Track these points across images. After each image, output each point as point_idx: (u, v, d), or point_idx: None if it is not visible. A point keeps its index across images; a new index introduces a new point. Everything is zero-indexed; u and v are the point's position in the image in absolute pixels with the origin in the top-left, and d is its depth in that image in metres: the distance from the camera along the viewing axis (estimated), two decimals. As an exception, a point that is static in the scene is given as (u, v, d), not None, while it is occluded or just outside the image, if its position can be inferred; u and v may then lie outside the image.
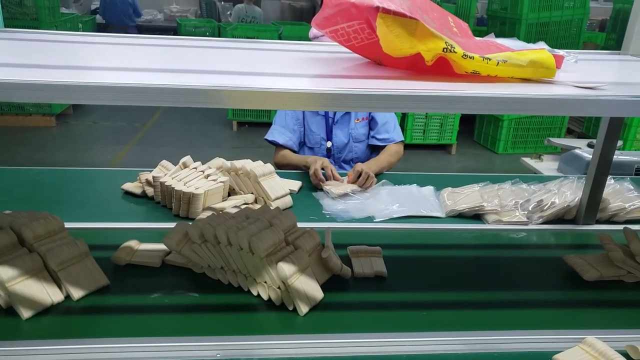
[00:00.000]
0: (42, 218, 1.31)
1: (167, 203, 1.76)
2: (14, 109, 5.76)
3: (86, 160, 4.85)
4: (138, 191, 1.85)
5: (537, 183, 1.98)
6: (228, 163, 1.84)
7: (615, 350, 1.09)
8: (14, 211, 1.38)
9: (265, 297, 1.27)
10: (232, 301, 1.28)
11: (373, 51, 1.12)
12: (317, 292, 1.26)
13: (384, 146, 2.38)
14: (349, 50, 1.15)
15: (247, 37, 6.12)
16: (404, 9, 1.00)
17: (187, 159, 1.86)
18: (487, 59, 1.01)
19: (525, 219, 1.76)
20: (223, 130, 6.12)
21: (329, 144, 2.42)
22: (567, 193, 1.82)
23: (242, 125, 6.23)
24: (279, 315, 1.23)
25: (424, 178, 2.12)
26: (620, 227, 1.77)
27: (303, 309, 1.22)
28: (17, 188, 1.89)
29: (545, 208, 1.79)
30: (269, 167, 1.83)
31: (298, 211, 1.79)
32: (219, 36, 7.40)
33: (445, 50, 0.99)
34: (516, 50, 1.10)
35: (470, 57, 1.00)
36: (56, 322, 1.18)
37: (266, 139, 2.37)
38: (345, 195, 1.90)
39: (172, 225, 1.64)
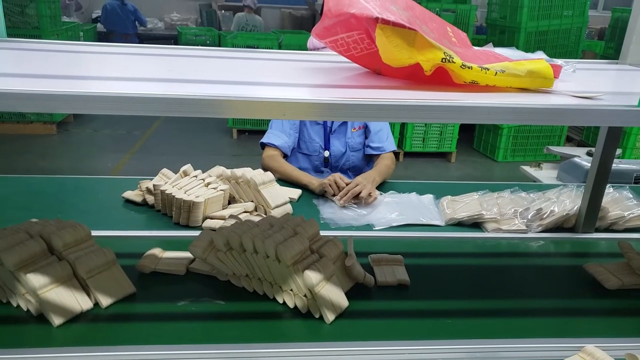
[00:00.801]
0: (69, 226, 1.33)
1: (167, 211, 1.76)
2: (15, 116, 5.78)
3: (87, 169, 4.86)
4: (138, 199, 1.86)
5: (536, 191, 1.98)
6: (228, 171, 1.84)
7: (616, 358, 1.09)
8: (41, 219, 1.40)
9: (291, 304, 1.28)
10: (257, 309, 1.29)
11: (372, 61, 1.13)
12: (342, 300, 1.27)
13: (378, 155, 2.38)
14: (348, 60, 1.16)
15: (248, 46, 6.15)
16: (402, 20, 1.01)
17: (187, 167, 1.87)
18: (486, 69, 1.02)
19: (524, 227, 1.76)
20: (223, 138, 6.14)
21: (326, 153, 2.42)
22: (566, 201, 1.83)
23: (242, 133, 6.25)
24: (305, 323, 1.24)
25: (424, 186, 2.13)
26: (620, 235, 1.78)
27: (330, 316, 1.23)
28: (18, 196, 1.90)
29: (544, 216, 1.79)
30: (269, 175, 1.84)
31: (298, 219, 1.80)
32: (220, 44, 7.43)
33: (443, 60, 1.00)
34: (514, 60, 1.11)
35: (469, 67, 1.01)
36: (86, 329, 1.19)
37: (262, 142, 2.36)
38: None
39: (172, 233, 1.66)
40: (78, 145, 5.63)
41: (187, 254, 1.45)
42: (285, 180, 2.16)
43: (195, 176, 1.82)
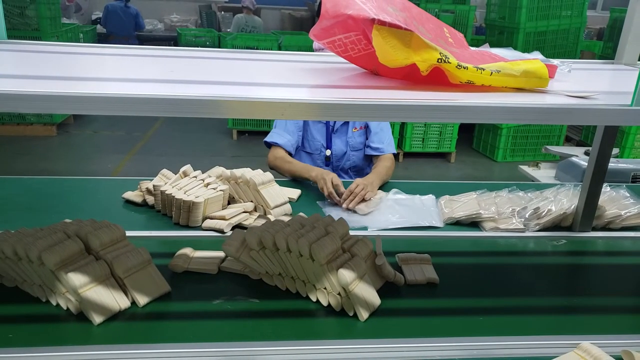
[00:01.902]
0: (105, 226, 1.35)
1: (167, 212, 1.77)
2: (15, 118, 5.79)
3: (87, 170, 4.87)
4: (138, 200, 1.87)
5: (533, 190, 1.99)
6: (227, 172, 1.85)
7: (611, 355, 1.10)
8: (76, 219, 1.42)
9: (325, 303, 1.30)
10: (291, 307, 1.31)
11: (370, 62, 1.15)
12: (375, 299, 1.29)
13: (377, 156, 2.39)
14: (346, 61, 1.17)
15: (247, 47, 6.17)
16: (399, 21, 1.02)
17: (187, 167, 1.88)
18: (481, 69, 1.03)
19: (522, 227, 1.78)
20: (223, 139, 6.15)
21: (328, 152, 2.44)
22: (564, 200, 1.84)
23: (242, 134, 6.26)
24: (340, 320, 1.27)
25: (423, 186, 2.14)
26: (617, 234, 1.79)
27: (364, 314, 1.25)
28: (18, 197, 1.91)
29: (542, 215, 1.80)
30: (269, 175, 1.85)
31: (297, 219, 1.81)
32: (219, 46, 7.44)
33: (439, 60, 1.01)
34: (510, 60, 1.13)
35: (465, 68, 1.02)
36: (124, 327, 1.21)
37: (265, 142, 2.38)
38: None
39: (172, 233, 1.67)
40: (78, 147, 5.64)
41: (218, 253, 1.49)
42: (294, 178, 2.21)
43: (195, 177, 1.84)
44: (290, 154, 2.35)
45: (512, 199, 1.93)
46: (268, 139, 2.37)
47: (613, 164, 2.86)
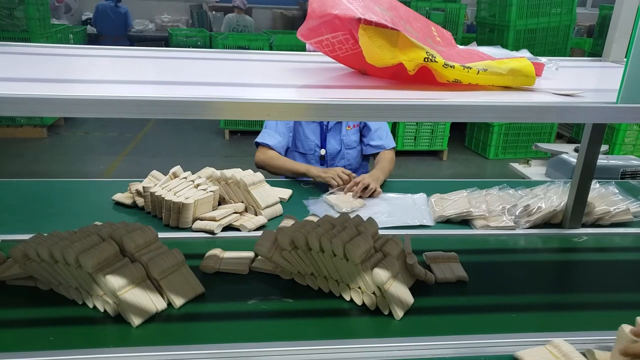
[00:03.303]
0: (138, 228, 1.35)
1: (157, 213, 1.76)
2: (5, 120, 5.74)
3: (79, 172, 4.84)
4: (128, 202, 1.86)
5: (524, 188, 2.00)
6: (218, 172, 1.85)
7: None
8: (106, 222, 1.42)
9: (359, 302, 1.31)
10: (325, 306, 1.32)
11: (357, 61, 1.15)
12: (408, 297, 1.30)
13: (376, 153, 2.40)
14: (335, 61, 1.17)
15: (239, 47, 6.15)
16: (385, 20, 1.02)
17: (176, 168, 1.87)
18: (468, 67, 1.04)
19: (512, 224, 1.78)
20: (215, 139, 6.13)
21: (322, 151, 2.43)
22: (554, 198, 1.85)
23: (234, 134, 6.25)
24: (375, 319, 1.27)
25: (414, 184, 2.15)
26: (606, 230, 1.80)
27: (399, 313, 1.26)
28: (8, 200, 1.89)
29: (532, 213, 1.81)
30: (259, 175, 1.84)
31: (288, 219, 1.81)
32: (211, 46, 7.42)
33: (426, 60, 1.01)
34: (497, 59, 1.13)
35: (451, 66, 1.02)
36: (162, 329, 1.22)
37: (257, 142, 2.38)
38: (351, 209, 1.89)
39: (162, 235, 1.64)
40: (69, 149, 5.60)
41: (247, 254, 1.50)
42: (283, 174, 2.23)
43: (185, 178, 1.83)
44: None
45: (503, 196, 1.94)
46: (259, 139, 2.37)
47: (602, 160, 2.88)
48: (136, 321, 1.21)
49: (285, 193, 2.01)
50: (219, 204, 1.82)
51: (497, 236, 1.75)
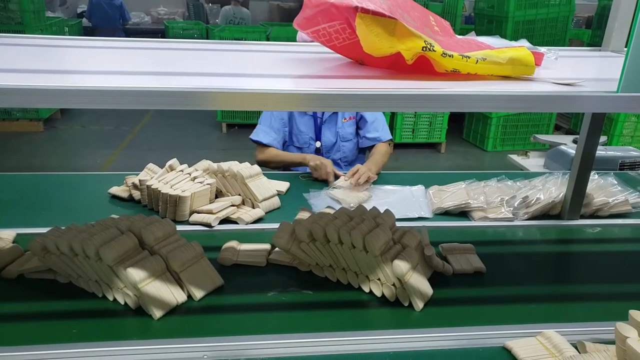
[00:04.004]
0: (156, 221, 1.35)
1: (153, 206, 1.75)
2: (1, 114, 5.71)
3: (76, 165, 4.81)
4: (125, 195, 1.85)
5: (522, 179, 2.00)
6: (215, 165, 1.83)
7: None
8: (123, 215, 1.42)
9: (378, 294, 1.31)
10: (345, 298, 1.32)
11: (354, 51, 1.13)
12: (428, 288, 1.30)
13: (372, 146, 2.39)
14: (332, 51, 1.16)
15: (235, 39, 6.11)
16: (383, 9, 1.00)
17: (173, 161, 1.86)
18: (467, 57, 1.02)
19: (511, 215, 1.78)
20: (212, 132, 6.11)
21: (317, 143, 2.42)
22: (552, 189, 1.84)
23: (231, 127, 6.22)
24: (395, 311, 1.28)
25: (412, 177, 2.14)
26: (604, 221, 1.80)
27: (419, 304, 1.27)
28: (3, 194, 1.88)
29: (530, 204, 1.80)
30: (256, 168, 1.83)
31: (286, 212, 1.80)
32: (207, 38, 7.37)
33: (424, 49, 1.00)
34: (496, 48, 1.12)
35: (450, 56, 1.01)
36: (183, 321, 1.22)
37: (251, 139, 2.37)
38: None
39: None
40: (66, 142, 5.58)
41: (264, 246, 1.51)
42: (284, 168, 2.26)
43: (182, 170, 1.82)
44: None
45: (501, 188, 1.93)
46: (254, 136, 2.36)
47: (601, 151, 2.87)
48: (157, 314, 1.21)
49: (283, 185, 2.00)
50: (216, 197, 1.81)
51: (496, 228, 1.74)
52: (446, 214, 1.82)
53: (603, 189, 1.90)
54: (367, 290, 1.33)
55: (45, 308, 1.24)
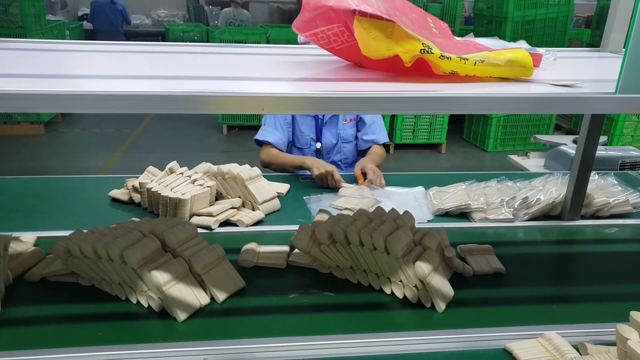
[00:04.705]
0: (178, 224, 1.35)
1: (153, 209, 1.75)
2: (1, 117, 5.72)
3: (76, 168, 4.82)
4: (125, 198, 1.85)
5: (522, 180, 1.99)
6: (214, 167, 1.84)
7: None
8: (144, 218, 1.42)
9: (400, 295, 1.31)
10: (366, 300, 1.32)
11: (353, 54, 1.13)
12: (449, 290, 1.30)
13: (369, 148, 2.40)
14: (331, 53, 1.16)
15: (236, 41, 6.13)
16: (381, 12, 1.01)
17: (173, 164, 1.86)
18: (465, 59, 1.02)
19: (511, 216, 1.77)
20: (213, 134, 6.11)
21: (318, 144, 2.42)
22: (552, 189, 1.84)
23: (232, 129, 6.23)
24: (417, 312, 1.28)
25: (413, 178, 2.14)
26: (605, 221, 1.80)
27: (441, 305, 1.27)
28: (2, 197, 1.88)
29: (530, 205, 1.80)
30: (256, 170, 1.83)
31: (287, 214, 1.80)
32: (208, 40, 7.38)
33: (422, 51, 1.00)
34: (494, 50, 1.12)
35: (448, 58, 1.01)
36: (206, 323, 1.22)
37: (256, 139, 2.37)
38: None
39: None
40: (67, 145, 5.59)
41: (283, 248, 1.51)
42: (287, 170, 2.26)
43: (182, 173, 1.82)
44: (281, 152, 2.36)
45: (501, 189, 1.93)
46: (259, 137, 2.36)
47: (601, 151, 2.87)
48: (182, 316, 1.21)
49: (283, 188, 2.00)
50: (216, 200, 1.81)
51: (496, 229, 1.74)
52: (446, 215, 1.81)
53: (603, 190, 1.90)
54: (388, 292, 1.33)
55: (69, 311, 1.25)
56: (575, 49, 1.64)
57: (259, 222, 1.73)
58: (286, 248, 1.51)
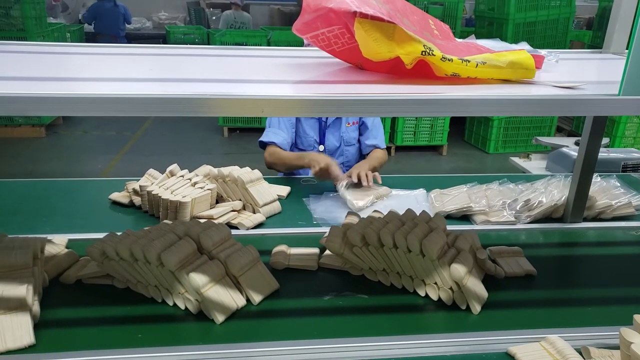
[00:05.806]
0: (212, 226, 1.35)
1: (154, 212, 1.75)
2: (3, 120, 5.72)
3: (77, 171, 4.82)
4: (125, 201, 1.84)
5: (524, 182, 1.98)
6: (215, 170, 1.83)
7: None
8: (177, 220, 1.42)
9: (435, 297, 1.31)
10: (401, 302, 1.32)
11: (354, 56, 1.13)
12: (483, 291, 1.30)
13: (369, 152, 2.40)
14: (332, 55, 1.15)
15: (236, 43, 6.12)
16: (382, 13, 1.00)
17: (173, 167, 1.85)
18: (466, 61, 1.02)
19: (513, 219, 1.77)
20: (214, 136, 6.11)
21: (321, 147, 2.42)
22: (554, 192, 1.83)
23: (233, 132, 6.23)
24: (452, 314, 1.28)
25: (414, 180, 2.13)
26: (608, 224, 1.79)
27: (477, 307, 1.27)
28: (3, 200, 1.88)
29: (532, 207, 1.79)
30: (257, 173, 1.83)
31: (287, 217, 1.79)
32: (208, 43, 7.38)
33: (423, 53, 0.99)
34: (496, 52, 1.11)
35: (449, 60, 1.00)
36: (243, 325, 1.22)
37: (261, 141, 2.36)
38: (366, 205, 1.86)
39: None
40: (68, 148, 5.59)
41: (313, 250, 1.51)
42: (291, 170, 2.26)
43: (182, 176, 1.81)
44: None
45: (503, 191, 1.92)
46: (264, 138, 2.35)
47: (603, 153, 2.86)
48: (220, 318, 1.21)
49: (284, 190, 1.99)
50: (217, 202, 1.80)
51: (498, 231, 1.73)
52: (448, 217, 1.80)
53: (606, 192, 1.89)
54: (422, 294, 1.33)
55: (107, 313, 1.25)
56: (578, 51, 1.63)
57: (259, 225, 1.72)
58: (316, 250, 1.51)
